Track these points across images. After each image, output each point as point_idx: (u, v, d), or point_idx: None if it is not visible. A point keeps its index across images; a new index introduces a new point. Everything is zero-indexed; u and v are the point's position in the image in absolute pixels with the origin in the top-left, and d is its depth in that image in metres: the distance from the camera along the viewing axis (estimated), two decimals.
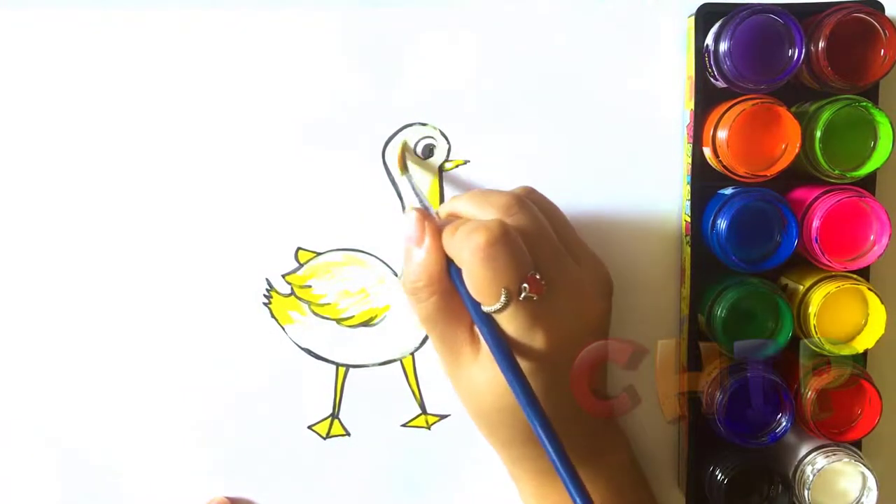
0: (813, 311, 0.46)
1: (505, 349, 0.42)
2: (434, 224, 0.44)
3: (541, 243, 0.43)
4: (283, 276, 0.52)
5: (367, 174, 0.51)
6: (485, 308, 0.42)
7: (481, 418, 0.46)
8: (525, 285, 0.41)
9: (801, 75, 0.47)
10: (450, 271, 0.44)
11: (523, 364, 0.42)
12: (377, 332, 0.52)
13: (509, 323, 0.42)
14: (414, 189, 0.49)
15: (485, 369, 0.43)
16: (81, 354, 0.52)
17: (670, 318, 0.52)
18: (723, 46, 0.45)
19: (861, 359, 0.48)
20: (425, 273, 0.44)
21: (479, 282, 0.41)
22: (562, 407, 0.43)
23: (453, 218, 0.46)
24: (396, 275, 0.52)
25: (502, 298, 0.41)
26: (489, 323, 0.42)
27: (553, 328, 0.42)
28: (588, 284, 0.45)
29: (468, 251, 0.41)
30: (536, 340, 0.42)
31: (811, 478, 0.47)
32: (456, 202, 0.46)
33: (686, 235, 0.50)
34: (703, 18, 0.48)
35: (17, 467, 0.53)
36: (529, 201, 0.45)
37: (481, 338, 0.43)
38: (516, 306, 0.41)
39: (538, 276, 0.41)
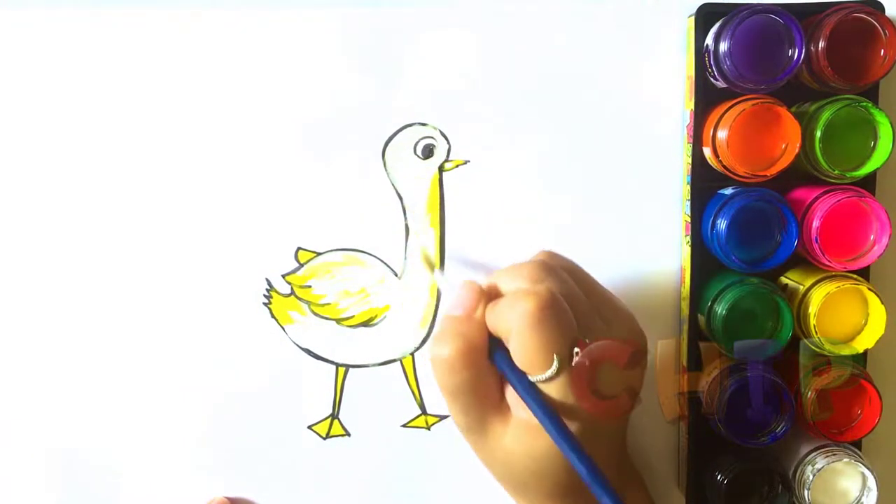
0: (813, 311, 0.46)
1: (557, 419, 0.40)
2: (487, 298, 0.43)
3: (575, 306, 0.42)
4: (283, 276, 0.52)
5: (367, 174, 0.51)
6: (533, 377, 0.40)
7: (512, 482, 0.45)
8: (577, 350, 0.40)
9: (801, 75, 0.47)
10: (491, 353, 0.42)
11: (572, 429, 0.40)
12: (377, 332, 0.52)
13: (557, 390, 0.40)
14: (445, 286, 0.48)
15: (519, 440, 0.42)
16: (82, 354, 0.52)
17: (670, 318, 0.52)
18: (723, 46, 0.45)
19: (861, 359, 0.48)
20: (467, 344, 0.42)
21: (529, 349, 0.40)
22: (601, 463, 0.41)
23: (491, 293, 0.44)
24: (396, 275, 0.52)
25: (554, 365, 0.40)
26: (537, 394, 0.41)
27: (595, 396, 0.41)
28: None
29: (518, 317, 0.40)
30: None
31: (811, 478, 0.47)
32: (490, 277, 0.45)
33: (686, 235, 0.50)
34: (703, 18, 0.48)
35: (18, 467, 0.53)
36: (556, 267, 0.44)
37: (513, 408, 0.42)
38: (567, 373, 0.40)
39: (587, 341, 0.40)
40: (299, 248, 0.51)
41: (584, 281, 0.45)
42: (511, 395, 0.43)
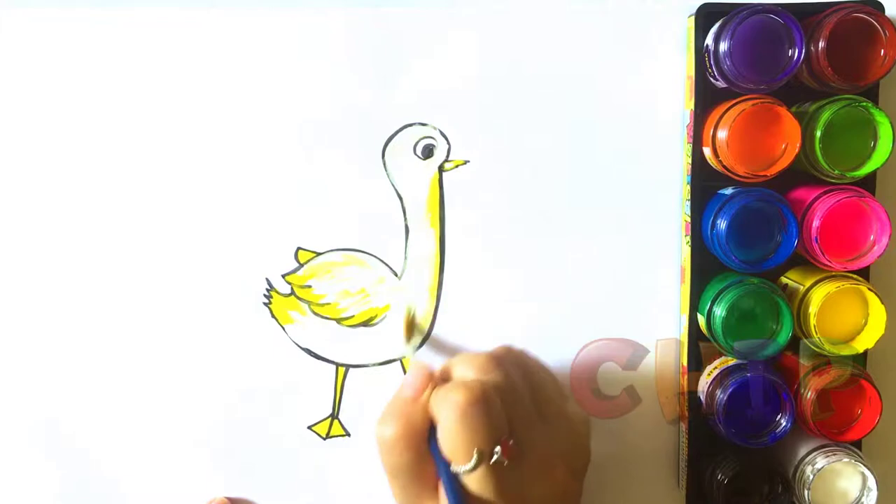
0: (813, 311, 0.46)
1: None
2: (434, 383, 0.44)
3: (514, 406, 0.43)
4: (283, 276, 0.52)
5: (367, 174, 0.51)
6: (454, 467, 0.42)
7: None
8: (498, 448, 0.41)
9: (801, 75, 0.47)
10: (430, 440, 0.43)
11: None
12: (377, 332, 0.52)
13: (476, 484, 0.41)
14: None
15: None
16: (82, 354, 0.52)
17: (670, 318, 0.52)
18: (723, 46, 0.45)
19: (861, 359, 0.48)
20: (409, 427, 0.43)
21: (453, 440, 0.41)
22: None
23: (444, 376, 0.45)
24: (396, 275, 0.52)
25: (474, 459, 0.41)
26: (455, 483, 0.42)
27: (517, 496, 0.42)
28: (556, 452, 0.44)
29: (447, 408, 0.42)
30: None
31: (811, 478, 0.47)
32: (447, 362, 0.46)
33: (686, 235, 0.50)
34: (703, 18, 0.48)
35: (18, 467, 0.53)
36: (507, 362, 0.45)
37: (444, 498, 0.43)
38: (486, 469, 0.41)
39: (511, 442, 0.42)
40: (299, 248, 0.51)
41: (539, 382, 0.46)
42: None
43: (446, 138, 0.51)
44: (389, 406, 0.44)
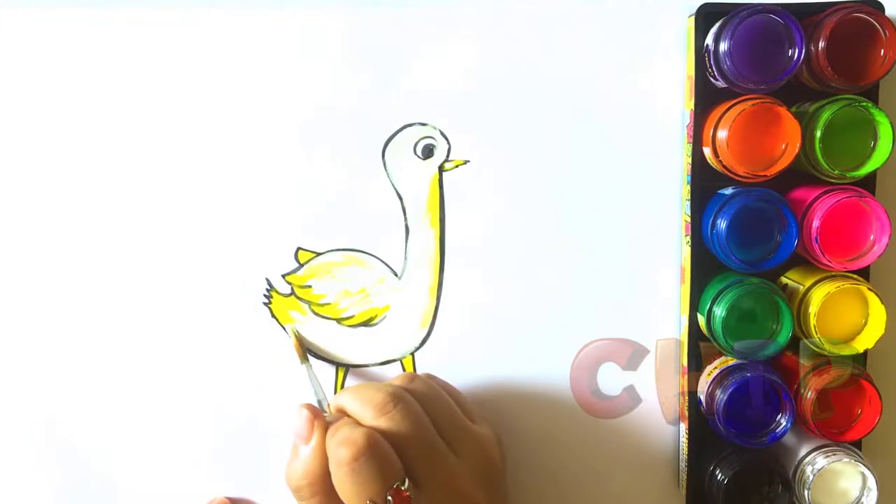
0: (813, 311, 0.46)
1: None
2: (323, 423, 0.44)
3: (415, 443, 0.43)
4: (283, 276, 0.52)
5: (367, 174, 0.51)
6: None
7: None
8: (389, 498, 0.41)
9: (801, 75, 0.47)
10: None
11: None
12: (377, 332, 0.52)
13: None
14: (311, 380, 0.50)
15: None
16: (82, 354, 0.52)
17: (670, 318, 0.52)
18: (723, 46, 0.45)
19: (861, 359, 0.48)
20: (308, 473, 0.44)
21: (344, 493, 0.42)
22: None
23: (341, 414, 0.46)
24: (396, 275, 0.52)
25: None
26: None
27: None
28: (466, 477, 0.44)
29: (334, 463, 0.42)
30: None
31: (811, 478, 0.47)
32: (341, 396, 0.46)
33: (686, 235, 0.50)
34: (703, 18, 0.48)
35: (17, 467, 0.53)
36: (408, 393, 0.45)
37: None
38: None
39: (404, 488, 0.42)
40: (299, 248, 0.51)
41: (441, 408, 0.46)
42: None
43: (446, 138, 0.51)
44: (289, 458, 0.45)
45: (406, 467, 0.42)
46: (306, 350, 0.51)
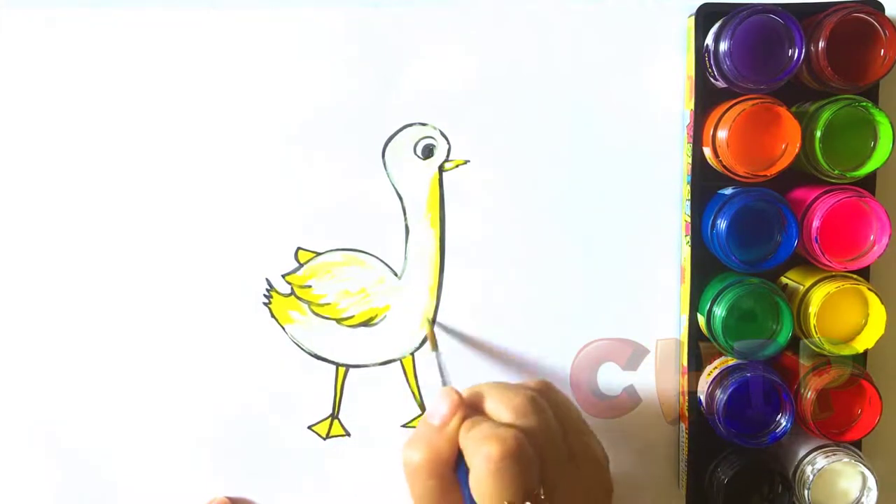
0: (813, 311, 0.46)
1: None
2: (465, 411, 0.43)
3: (548, 450, 0.42)
4: (283, 276, 0.52)
5: (367, 174, 0.51)
6: None
7: None
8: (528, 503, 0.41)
9: (801, 75, 0.47)
10: (458, 466, 0.43)
11: None
12: (377, 332, 0.52)
13: None
14: (441, 368, 0.48)
15: None
16: (82, 354, 0.52)
17: (670, 318, 0.52)
18: (723, 46, 0.45)
19: (861, 359, 0.48)
20: (437, 453, 0.42)
21: (484, 492, 0.41)
22: None
23: (474, 403, 0.45)
24: (396, 275, 0.52)
25: None
26: None
27: None
28: (584, 493, 0.44)
29: (480, 458, 0.41)
30: None
31: (811, 478, 0.47)
32: (480, 391, 0.45)
33: (686, 235, 0.50)
34: (703, 18, 0.48)
35: (17, 467, 0.53)
36: (544, 401, 0.44)
37: None
38: None
39: (542, 496, 0.41)
40: (299, 248, 0.51)
41: (570, 420, 0.46)
42: None
43: (446, 138, 0.51)
44: (416, 431, 0.44)
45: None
46: (437, 341, 0.50)
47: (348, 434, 0.53)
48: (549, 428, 0.43)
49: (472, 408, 0.44)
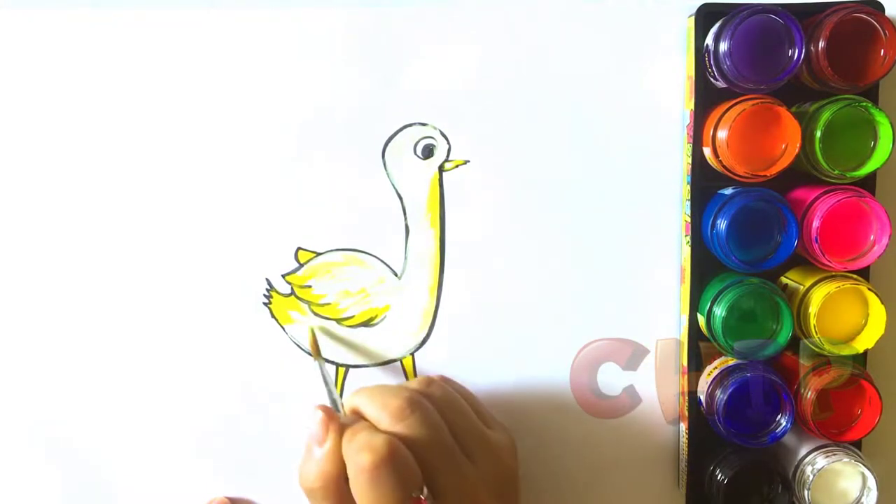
0: (813, 311, 0.46)
1: None
2: (338, 425, 0.43)
3: (432, 450, 0.42)
4: (283, 276, 0.52)
5: (367, 174, 0.51)
6: None
7: None
8: None
9: (801, 75, 0.47)
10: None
11: None
12: (377, 332, 0.52)
13: None
14: (324, 378, 0.49)
15: None
16: (81, 354, 0.52)
17: (670, 318, 0.52)
18: (723, 46, 0.45)
19: (861, 359, 0.48)
20: (323, 475, 0.43)
21: (363, 501, 0.41)
22: None
23: (356, 416, 0.45)
24: (396, 275, 0.52)
25: None
26: None
27: None
28: (483, 486, 0.44)
29: (354, 468, 0.41)
30: None
31: (811, 478, 0.47)
32: (357, 397, 0.45)
33: (686, 235, 0.50)
34: (703, 18, 0.48)
35: (17, 468, 0.53)
36: (425, 398, 0.44)
37: None
38: None
39: (423, 497, 0.41)
40: (299, 248, 0.51)
41: (459, 414, 0.45)
42: None
43: (446, 138, 0.51)
44: (303, 458, 0.44)
45: (423, 475, 0.42)
46: (319, 348, 0.51)
47: None
48: (431, 427, 0.43)
49: (354, 414, 0.44)
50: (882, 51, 0.45)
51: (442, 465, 0.43)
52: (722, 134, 0.46)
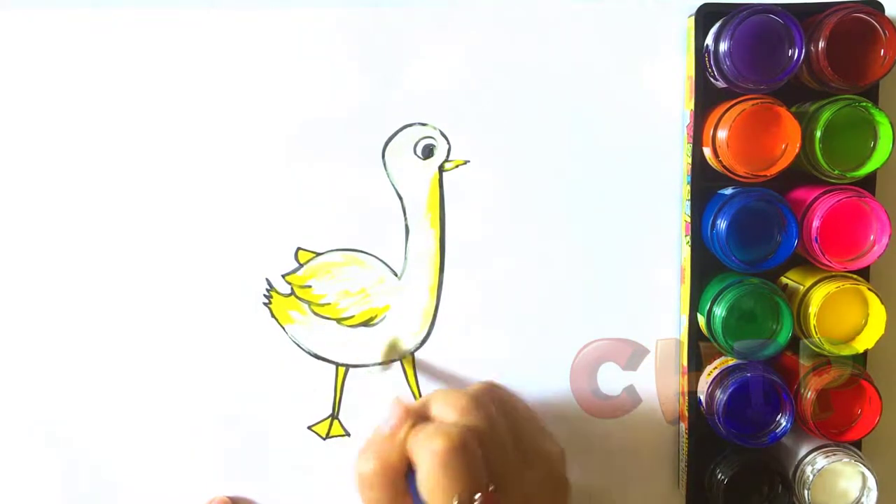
0: (813, 311, 0.46)
1: None
2: (413, 421, 0.44)
3: (494, 446, 0.43)
4: (283, 276, 0.52)
5: (367, 174, 0.51)
6: None
7: None
8: (478, 496, 0.41)
9: (801, 75, 0.47)
10: (408, 475, 0.43)
11: None
12: (377, 332, 0.52)
13: None
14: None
15: None
16: (82, 354, 0.52)
17: (670, 318, 0.52)
18: (723, 46, 0.45)
19: (861, 359, 0.48)
20: (387, 464, 0.43)
21: (432, 487, 0.41)
22: None
23: (422, 411, 0.45)
24: (396, 275, 0.52)
25: None
26: None
27: None
28: (537, 490, 0.44)
29: (426, 453, 0.41)
30: None
31: (811, 478, 0.47)
32: (426, 397, 0.46)
33: (686, 235, 0.50)
34: (703, 18, 0.48)
35: (19, 467, 0.53)
36: (489, 400, 0.45)
37: None
38: None
39: (492, 489, 0.41)
40: (299, 248, 0.51)
41: (517, 418, 0.46)
42: None
43: (446, 138, 0.51)
44: (368, 442, 0.44)
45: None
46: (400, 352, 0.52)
47: (348, 434, 0.53)
48: (495, 425, 0.44)
49: (420, 416, 0.45)
50: (882, 51, 0.45)
51: (502, 461, 0.43)
52: (722, 134, 0.46)
